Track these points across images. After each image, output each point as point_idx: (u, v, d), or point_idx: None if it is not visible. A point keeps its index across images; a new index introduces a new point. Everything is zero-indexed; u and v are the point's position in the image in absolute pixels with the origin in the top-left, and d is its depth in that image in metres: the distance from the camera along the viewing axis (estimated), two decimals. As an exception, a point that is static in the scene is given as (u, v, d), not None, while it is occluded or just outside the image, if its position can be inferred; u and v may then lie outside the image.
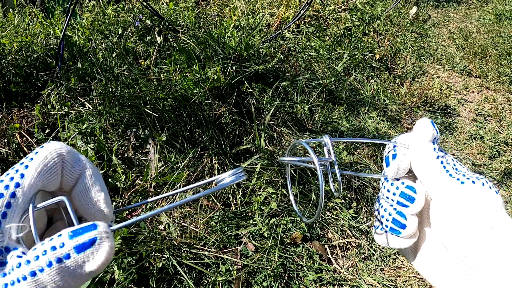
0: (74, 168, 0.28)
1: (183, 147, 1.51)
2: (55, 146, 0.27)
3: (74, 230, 0.23)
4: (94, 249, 0.22)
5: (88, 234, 0.23)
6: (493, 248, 0.29)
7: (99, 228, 0.23)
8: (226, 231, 1.32)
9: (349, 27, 2.91)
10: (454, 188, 0.32)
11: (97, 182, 0.29)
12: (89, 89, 1.58)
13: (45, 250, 0.22)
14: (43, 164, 0.26)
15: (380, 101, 2.29)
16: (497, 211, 0.31)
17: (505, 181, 2.00)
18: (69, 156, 0.28)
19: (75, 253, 0.22)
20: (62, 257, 0.22)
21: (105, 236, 0.23)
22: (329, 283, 1.27)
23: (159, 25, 2.01)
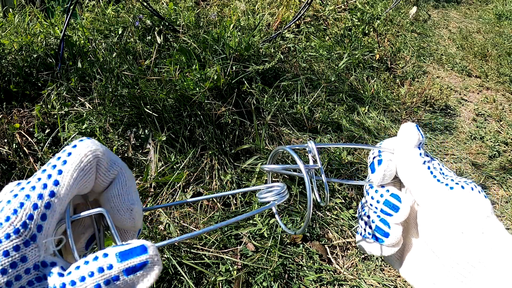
0: (109, 171, 0.26)
1: (183, 147, 1.51)
2: (90, 147, 0.25)
3: (122, 252, 0.22)
4: (145, 272, 0.22)
5: (139, 258, 0.22)
6: (485, 254, 0.29)
7: (149, 251, 0.22)
8: (226, 231, 1.32)
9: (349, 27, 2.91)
10: (443, 194, 0.32)
11: (132, 188, 0.27)
12: (89, 89, 1.58)
13: (91, 271, 0.21)
14: (79, 169, 0.24)
15: (380, 101, 2.29)
16: (488, 216, 0.31)
17: (505, 181, 2.00)
18: (104, 158, 0.26)
19: (124, 275, 0.21)
20: (110, 279, 0.21)
21: (156, 260, 0.22)
22: (329, 283, 1.27)
23: (159, 25, 2.01)
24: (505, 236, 0.30)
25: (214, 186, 1.44)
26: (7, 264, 0.21)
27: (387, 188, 0.35)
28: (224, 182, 1.46)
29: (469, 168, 2.07)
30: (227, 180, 1.46)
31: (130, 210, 0.26)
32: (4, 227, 0.21)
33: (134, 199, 0.27)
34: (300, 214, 1.44)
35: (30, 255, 0.22)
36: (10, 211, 0.22)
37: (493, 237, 0.29)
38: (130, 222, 0.26)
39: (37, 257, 0.22)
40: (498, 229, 0.30)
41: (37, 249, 0.22)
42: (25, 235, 0.21)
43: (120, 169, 0.27)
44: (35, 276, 0.22)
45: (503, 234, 0.30)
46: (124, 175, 0.27)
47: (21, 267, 0.21)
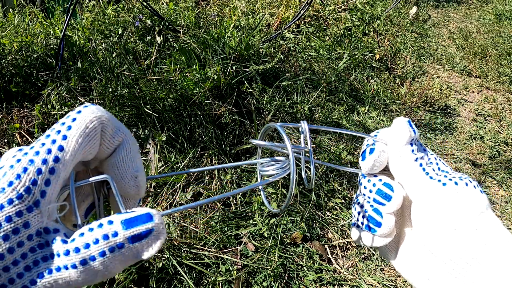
0: (114, 138, 0.25)
1: (183, 147, 1.51)
2: (95, 112, 0.24)
3: (127, 219, 0.21)
4: (150, 240, 0.22)
5: (144, 226, 0.21)
6: (479, 250, 0.29)
7: (155, 219, 0.22)
8: (226, 231, 1.32)
9: (349, 27, 2.91)
10: (435, 191, 0.31)
11: (136, 155, 0.26)
12: (89, 89, 1.58)
13: (96, 238, 0.21)
14: (85, 135, 0.23)
15: (380, 101, 2.29)
16: (482, 211, 0.30)
17: (505, 181, 2.00)
18: (109, 124, 0.25)
19: (129, 243, 0.21)
20: (115, 246, 0.21)
21: (161, 228, 0.22)
22: (329, 283, 1.27)
23: (159, 25, 2.01)
24: (499, 231, 0.29)
25: (214, 186, 1.44)
26: (9, 230, 0.20)
27: (380, 177, 0.35)
28: (224, 182, 1.46)
29: (469, 168, 2.07)
30: (227, 180, 1.46)
31: (134, 177, 0.26)
32: (7, 192, 0.21)
33: (139, 166, 0.26)
34: (300, 214, 1.44)
35: (33, 221, 0.21)
36: (13, 176, 0.21)
37: (487, 233, 0.29)
38: (134, 189, 0.26)
39: (40, 223, 0.21)
40: (493, 225, 0.30)
41: (40, 215, 0.21)
42: (28, 201, 0.21)
43: (125, 136, 0.26)
44: (37, 242, 0.21)
45: (497, 229, 0.30)
46: (128, 142, 0.26)
47: (24, 233, 0.21)
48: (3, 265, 0.20)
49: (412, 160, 0.33)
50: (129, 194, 0.26)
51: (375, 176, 0.35)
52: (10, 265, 0.20)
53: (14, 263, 0.20)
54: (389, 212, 0.33)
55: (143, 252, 0.22)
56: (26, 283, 0.20)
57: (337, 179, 1.62)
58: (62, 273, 0.21)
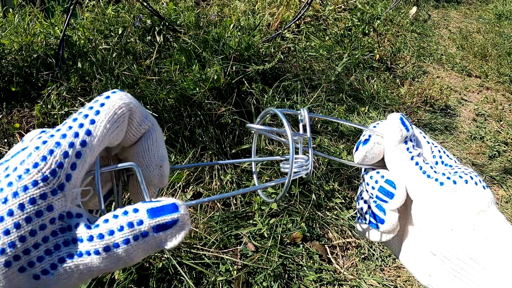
0: (141, 126, 0.25)
1: (183, 147, 1.51)
2: (124, 99, 0.24)
3: (153, 209, 0.21)
4: (175, 231, 0.21)
5: (170, 216, 0.21)
6: (476, 251, 0.28)
7: (181, 210, 0.22)
8: (226, 231, 1.32)
9: (349, 27, 2.91)
10: (432, 191, 0.31)
11: (162, 144, 0.26)
12: (89, 89, 1.58)
13: (121, 225, 0.21)
14: (113, 120, 0.23)
15: (380, 101, 2.29)
16: (483, 210, 0.30)
17: (505, 181, 2.00)
18: (137, 111, 0.24)
19: (154, 232, 0.21)
20: (139, 235, 0.21)
21: (186, 219, 0.22)
22: (329, 283, 1.27)
23: (159, 25, 2.01)
24: (500, 230, 0.29)
25: (214, 186, 1.44)
26: (32, 212, 0.20)
27: (382, 173, 0.34)
28: (224, 182, 1.46)
29: (469, 168, 2.07)
30: (227, 180, 1.46)
31: (159, 167, 0.25)
32: (32, 173, 0.20)
33: (164, 155, 0.26)
34: (300, 214, 1.44)
35: (57, 205, 0.21)
36: (39, 158, 0.21)
37: (486, 233, 0.29)
38: (158, 179, 0.25)
39: (63, 207, 0.21)
40: (494, 224, 0.29)
41: (64, 198, 0.21)
42: (53, 184, 0.21)
43: (152, 125, 0.26)
44: (59, 226, 0.21)
45: (498, 228, 0.29)
46: (155, 131, 0.26)
47: (47, 216, 0.20)
48: (24, 247, 0.20)
49: (407, 159, 0.33)
50: (152, 183, 0.26)
51: (377, 173, 0.34)
52: (31, 248, 0.20)
53: (35, 246, 0.20)
54: (392, 209, 0.33)
55: (167, 242, 0.21)
56: (46, 266, 0.20)
57: (337, 179, 1.62)
58: (84, 258, 0.20)
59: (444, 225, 0.30)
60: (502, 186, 1.96)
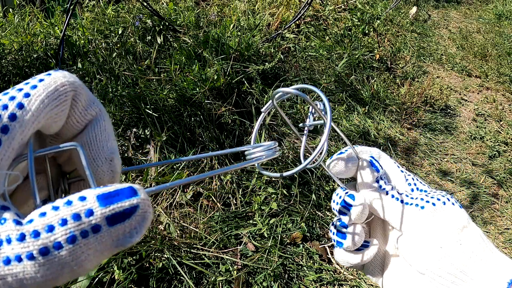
0: (87, 111, 0.21)
1: (183, 147, 1.51)
2: (68, 77, 0.20)
3: (105, 194, 0.16)
4: (135, 221, 0.17)
5: (128, 202, 0.16)
6: (465, 264, 0.30)
7: (140, 194, 0.17)
8: (226, 231, 1.32)
9: (349, 27, 2.91)
10: (415, 216, 0.33)
11: (111, 135, 0.22)
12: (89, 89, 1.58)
13: (63, 218, 0.15)
14: (52, 97, 0.19)
15: (380, 101, 2.29)
16: (465, 226, 0.32)
17: (505, 181, 2.00)
18: (83, 93, 0.21)
19: (108, 225, 0.16)
20: (89, 230, 0.16)
21: (147, 206, 0.17)
22: (329, 283, 1.27)
23: (159, 25, 2.01)
24: (481, 242, 0.31)
25: (214, 186, 1.44)
26: None
27: (347, 190, 0.36)
28: (224, 182, 1.46)
29: (469, 168, 2.07)
30: (227, 180, 1.46)
31: (109, 161, 0.21)
32: None
33: (114, 148, 0.21)
34: (300, 214, 1.44)
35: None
36: None
37: (471, 247, 0.31)
38: (108, 175, 0.21)
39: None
40: (475, 237, 0.32)
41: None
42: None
43: (100, 111, 0.22)
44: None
45: (479, 241, 0.31)
46: (103, 118, 0.22)
47: None
48: None
49: (383, 195, 0.35)
50: (100, 180, 0.21)
51: (343, 189, 0.37)
52: None
53: None
54: (351, 222, 0.34)
55: (126, 238, 0.17)
56: None
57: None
58: (13, 267, 0.15)
59: (433, 243, 0.32)
60: (502, 186, 1.96)
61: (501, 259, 0.31)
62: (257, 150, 0.29)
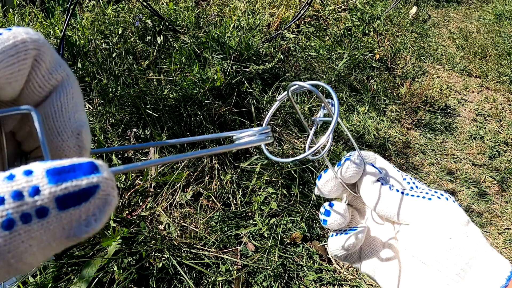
0: (51, 74, 0.18)
1: (183, 147, 1.51)
2: (31, 34, 0.17)
3: (57, 169, 0.13)
4: (93, 205, 0.13)
5: (86, 180, 0.13)
6: (471, 255, 0.31)
7: (102, 171, 0.14)
8: (226, 231, 1.32)
9: (349, 27, 2.91)
10: (422, 206, 0.34)
11: (80, 104, 0.18)
12: (89, 89, 1.58)
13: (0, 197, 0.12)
14: (9, 53, 0.16)
15: (380, 101, 2.29)
16: (468, 221, 0.33)
17: (505, 181, 2.00)
18: (48, 54, 0.17)
19: (57, 209, 0.12)
20: (32, 213, 0.12)
21: (111, 186, 0.14)
22: (329, 283, 1.27)
23: (159, 25, 2.01)
24: (482, 236, 0.33)
25: (214, 186, 1.44)
26: None
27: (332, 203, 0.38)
28: (224, 182, 1.46)
29: (469, 168, 2.07)
30: (227, 180, 1.46)
31: (76, 134, 0.17)
32: None
33: (83, 119, 0.18)
34: (300, 214, 1.44)
35: None
36: None
37: (476, 240, 0.32)
38: (75, 150, 0.18)
39: None
40: (479, 232, 0.33)
41: None
42: None
43: (67, 76, 0.19)
44: None
45: (480, 235, 0.33)
46: (71, 85, 0.18)
47: None
48: None
49: (387, 190, 0.36)
50: (66, 157, 0.17)
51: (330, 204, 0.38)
52: None
53: None
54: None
55: (81, 226, 0.13)
56: None
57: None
58: None
59: (442, 234, 0.32)
60: (502, 186, 1.96)
61: (497, 256, 0.32)
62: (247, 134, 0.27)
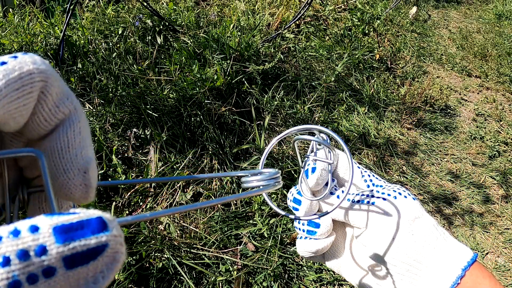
0: (58, 108, 0.17)
1: (183, 147, 1.51)
2: (38, 63, 0.16)
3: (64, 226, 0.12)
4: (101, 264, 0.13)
5: (95, 240, 0.12)
6: (419, 252, 0.32)
7: (111, 228, 0.13)
8: (226, 231, 1.32)
9: (349, 27, 2.91)
10: (368, 212, 0.35)
11: (88, 140, 0.18)
12: (89, 89, 1.58)
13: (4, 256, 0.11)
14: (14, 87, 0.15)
15: (380, 101, 2.29)
16: (417, 217, 0.34)
17: (505, 181, 2.00)
18: (56, 85, 0.16)
19: (65, 268, 0.12)
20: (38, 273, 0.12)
21: (120, 243, 0.13)
22: (329, 283, 1.27)
23: (159, 25, 2.01)
24: (433, 231, 0.33)
25: (214, 186, 1.44)
26: None
27: None
28: (224, 182, 1.46)
29: (469, 168, 2.07)
30: (227, 180, 1.46)
31: (83, 172, 0.17)
32: None
33: (91, 156, 0.17)
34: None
35: None
36: None
37: (423, 236, 0.33)
38: (81, 190, 0.17)
39: None
40: (428, 227, 0.33)
41: None
42: None
43: (74, 109, 0.17)
44: None
45: (431, 230, 0.33)
46: (79, 119, 0.17)
47: None
48: None
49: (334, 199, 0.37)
50: (71, 196, 0.17)
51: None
52: None
53: None
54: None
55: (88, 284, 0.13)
56: None
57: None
58: None
59: (386, 236, 0.33)
60: (502, 186, 1.96)
61: (456, 247, 0.32)
62: (255, 179, 0.25)
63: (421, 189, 1.84)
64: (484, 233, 1.70)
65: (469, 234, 1.69)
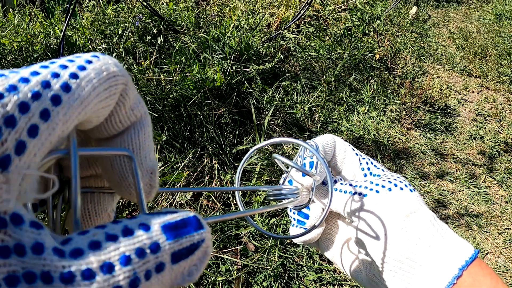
0: (133, 110, 0.17)
1: (183, 147, 1.51)
2: (119, 66, 0.16)
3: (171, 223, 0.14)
4: (196, 258, 0.14)
5: (198, 236, 0.14)
6: (411, 250, 0.30)
7: (206, 226, 0.15)
8: (226, 231, 1.32)
9: (349, 27, 2.91)
10: (360, 205, 0.34)
11: (153, 144, 0.18)
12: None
13: (126, 255, 0.12)
14: (104, 87, 0.15)
15: (380, 101, 2.29)
16: (412, 211, 0.32)
17: (505, 181, 2.00)
18: (132, 90, 0.17)
19: (171, 263, 0.13)
20: (152, 270, 0.13)
21: (210, 239, 0.15)
22: (329, 283, 1.27)
23: (159, 25, 2.01)
24: (430, 228, 0.31)
25: (214, 186, 1.45)
26: None
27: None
28: (224, 182, 1.46)
29: (469, 168, 2.07)
30: (227, 180, 1.46)
31: (150, 173, 0.18)
32: None
33: (154, 158, 0.18)
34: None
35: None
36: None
37: (417, 233, 0.31)
38: (147, 189, 0.18)
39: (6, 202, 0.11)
40: (424, 222, 0.31)
41: (6, 185, 0.11)
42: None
43: (145, 113, 0.18)
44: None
45: (428, 226, 0.31)
46: (148, 124, 0.18)
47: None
48: None
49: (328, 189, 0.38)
50: (134, 194, 0.18)
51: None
52: None
53: None
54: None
55: (184, 276, 0.14)
56: None
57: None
58: None
59: (378, 232, 0.32)
60: (502, 186, 1.96)
61: (454, 244, 0.30)
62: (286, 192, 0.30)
63: (421, 189, 1.84)
64: (484, 233, 1.70)
65: (469, 234, 1.69)
